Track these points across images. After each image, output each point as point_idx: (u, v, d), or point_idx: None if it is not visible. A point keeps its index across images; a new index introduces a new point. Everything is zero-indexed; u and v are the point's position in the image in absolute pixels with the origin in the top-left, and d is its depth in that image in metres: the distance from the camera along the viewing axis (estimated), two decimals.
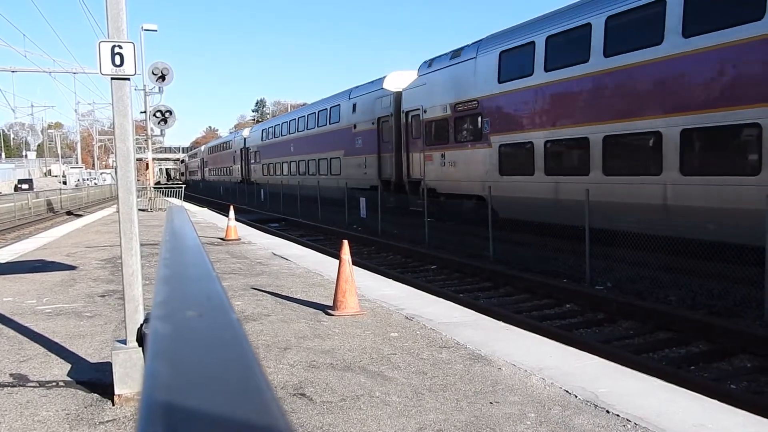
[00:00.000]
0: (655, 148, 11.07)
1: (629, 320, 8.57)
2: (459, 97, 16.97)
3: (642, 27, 11.41)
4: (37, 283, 8.91)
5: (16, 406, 4.16)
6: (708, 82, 10.20)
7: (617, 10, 11.86)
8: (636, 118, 11.42)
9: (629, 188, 11.56)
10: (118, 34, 4.44)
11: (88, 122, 74.35)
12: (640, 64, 11.29)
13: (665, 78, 10.88)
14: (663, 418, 3.69)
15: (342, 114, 25.12)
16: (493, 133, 15.70)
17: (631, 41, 11.59)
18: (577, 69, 12.90)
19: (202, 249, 1.26)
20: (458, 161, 17.31)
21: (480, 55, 16.31)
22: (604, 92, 12.37)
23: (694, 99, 10.36)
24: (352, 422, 3.76)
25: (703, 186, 10.17)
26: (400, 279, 10.38)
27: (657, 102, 11.05)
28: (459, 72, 17.02)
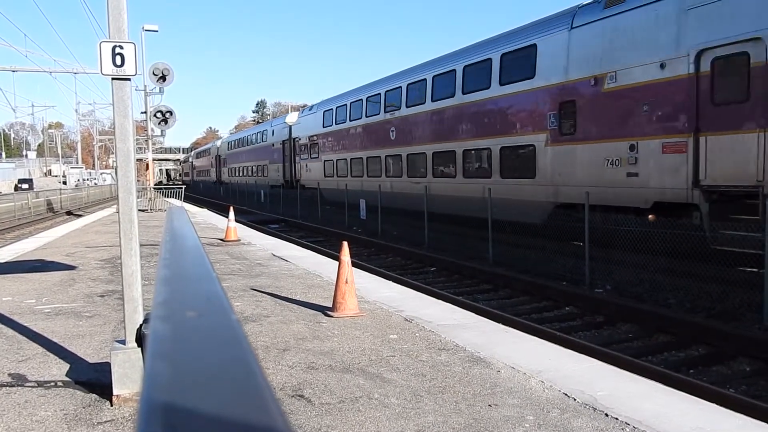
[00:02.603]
0: (488, 158, 16.17)
1: (628, 323, 8.58)
2: (309, 132, 30.27)
3: (480, 75, 16.34)
4: (36, 283, 8.91)
5: (15, 405, 4.15)
6: (514, 116, 15.10)
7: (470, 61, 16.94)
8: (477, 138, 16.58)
9: (476, 187, 15.96)
10: (119, 34, 4.44)
11: (89, 122, 74.43)
12: (479, 101, 16.50)
13: (491, 111, 16.01)
14: (662, 421, 3.69)
15: (267, 136, 38.23)
16: (322, 154, 28.65)
17: (474, 84, 16.66)
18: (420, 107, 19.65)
19: (202, 250, 1.27)
20: (311, 168, 29.99)
21: (317, 111, 29.51)
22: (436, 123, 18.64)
23: (509, 127, 15.32)
24: (350, 424, 3.76)
25: (511, 186, 15.00)
26: (400, 280, 10.38)
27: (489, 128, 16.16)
28: (309, 120, 30.66)
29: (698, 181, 10.16)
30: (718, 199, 9.77)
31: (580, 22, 12.89)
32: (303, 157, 30.99)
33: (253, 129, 47.94)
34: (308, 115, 31.11)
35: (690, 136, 10.33)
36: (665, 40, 10.82)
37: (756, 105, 9.34)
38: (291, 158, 32.82)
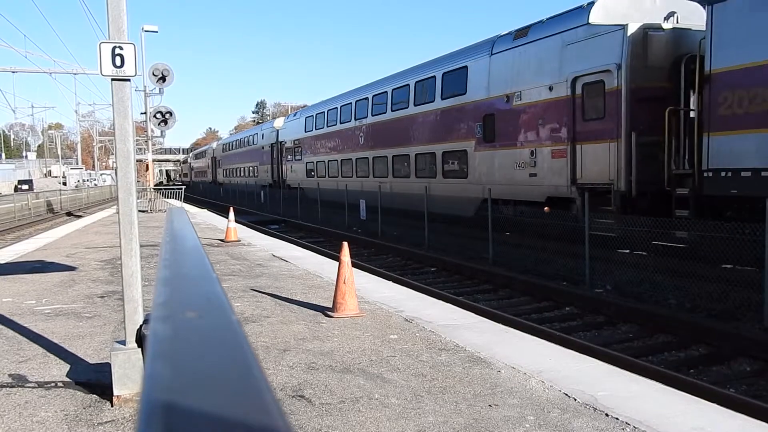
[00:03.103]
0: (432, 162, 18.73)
1: (629, 323, 8.58)
2: (293, 137, 32.72)
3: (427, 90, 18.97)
4: (36, 284, 8.91)
5: (15, 406, 4.15)
6: (452, 125, 17.57)
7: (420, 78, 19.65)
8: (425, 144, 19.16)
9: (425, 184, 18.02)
10: (118, 35, 4.45)
11: (89, 123, 74.41)
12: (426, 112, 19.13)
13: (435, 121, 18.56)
14: (662, 421, 3.70)
15: (257, 139, 40.71)
16: (304, 156, 31.10)
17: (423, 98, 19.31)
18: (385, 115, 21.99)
19: (202, 250, 1.27)
20: (295, 169, 32.36)
21: (299, 118, 32.28)
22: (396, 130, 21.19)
23: (448, 134, 17.74)
24: (350, 424, 3.76)
25: (450, 184, 17.57)
26: (400, 281, 10.39)
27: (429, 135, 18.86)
28: (293, 125, 33.15)
29: (575, 180, 12.88)
30: (589, 193, 11.84)
31: (497, 50, 15.56)
32: (288, 159, 33.64)
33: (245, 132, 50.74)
34: (293, 121, 33.89)
35: (569, 145, 12.97)
36: (552, 68, 13.44)
37: (608, 121, 11.96)
38: (278, 160, 35.45)
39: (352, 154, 24.81)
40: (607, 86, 11.98)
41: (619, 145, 11.71)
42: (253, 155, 41.29)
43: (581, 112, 12.67)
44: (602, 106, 12.14)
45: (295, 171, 32.28)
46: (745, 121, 9.66)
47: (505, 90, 15.08)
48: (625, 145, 11.59)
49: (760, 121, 9.39)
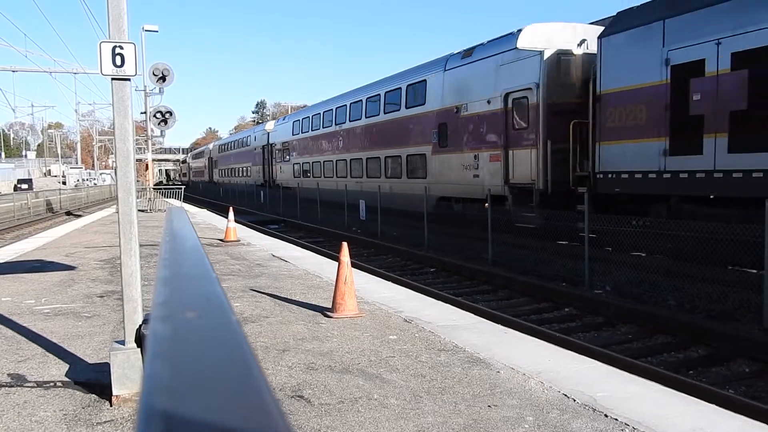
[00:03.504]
0: (399, 164, 20.89)
1: (628, 324, 8.58)
2: (282, 139, 34.59)
3: (394, 99, 21.05)
4: (35, 283, 8.91)
5: (14, 406, 4.15)
6: (414, 132, 19.78)
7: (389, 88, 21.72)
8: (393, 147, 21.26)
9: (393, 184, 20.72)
10: (119, 34, 4.45)
11: (89, 122, 74.45)
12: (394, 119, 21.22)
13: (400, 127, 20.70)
14: (661, 422, 3.70)
15: (250, 141, 42.63)
16: (291, 157, 32.93)
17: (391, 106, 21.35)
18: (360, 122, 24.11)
19: (202, 250, 1.27)
20: (284, 170, 34.27)
21: (288, 122, 34.69)
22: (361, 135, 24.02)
23: (411, 139, 19.95)
24: (350, 425, 3.76)
25: (412, 184, 19.54)
26: (399, 281, 10.39)
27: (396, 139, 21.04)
28: (282, 128, 35.26)
29: (507, 180, 15.14)
30: (518, 192, 14.59)
31: (449, 66, 17.78)
32: (278, 160, 35.75)
33: (240, 134, 54.03)
34: (282, 124, 36.24)
35: (503, 150, 15.22)
36: (490, 84, 15.65)
37: (530, 131, 14.30)
38: (269, 161, 37.67)
39: (333, 156, 27.02)
40: (529, 101, 14.29)
41: (538, 151, 13.99)
42: (247, 156, 43.52)
43: (512, 122, 15.00)
44: (526, 118, 14.45)
45: (284, 171, 34.29)
46: (623, 133, 11.90)
47: (455, 102, 17.39)
48: (543, 151, 13.83)
49: (632, 133, 11.68)
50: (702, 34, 10.35)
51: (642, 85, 11.52)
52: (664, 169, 11.03)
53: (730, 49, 9.93)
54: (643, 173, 11.39)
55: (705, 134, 10.30)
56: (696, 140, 10.46)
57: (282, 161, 34.73)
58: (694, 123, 10.51)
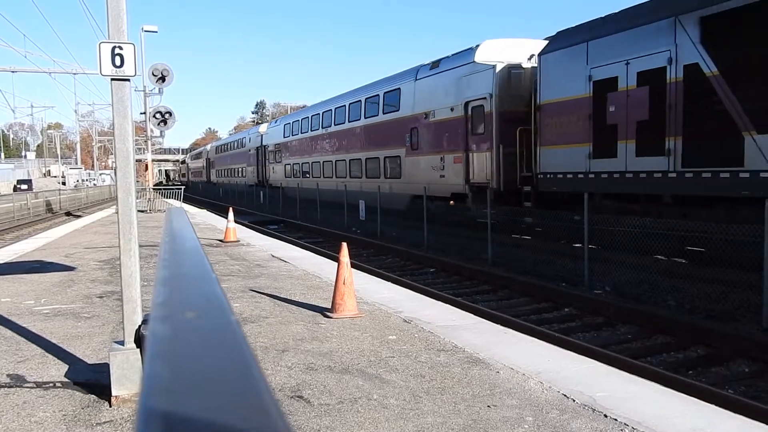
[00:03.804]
0: (377, 165, 22.51)
1: (628, 324, 8.58)
2: (275, 141, 36.27)
3: (373, 106, 22.82)
4: (35, 284, 8.91)
5: (13, 406, 4.15)
6: (390, 135, 21.40)
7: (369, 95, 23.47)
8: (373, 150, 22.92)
9: (373, 184, 21.67)
10: (118, 35, 4.44)
11: (88, 123, 74.38)
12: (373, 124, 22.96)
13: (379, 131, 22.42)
14: (660, 422, 3.70)
15: (245, 142, 44.49)
16: (283, 159, 34.72)
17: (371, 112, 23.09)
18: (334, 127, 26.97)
19: (202, 251, 1.26)
20: (276, 170, 35.97)
21: (279, 125, 36.43)
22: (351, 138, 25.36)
23: (388, 142, 21.64)
24: (349, 425, 3.76)
25: (390, 183, 21.23)
26: (399, 281, 10.38)
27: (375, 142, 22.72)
28: (275, 131, 36.92)
29: (468, 180, 16.78)
30: (477, 190, 16.29)
31: (420, 76, 19.56)
32: (270, 161, 37.45)
33: (235, 136, 56.79)
34: (274, 127, 37.98)
35: (464, 153, 16.87)
36: (453, 93, 17.32)
37: (486, 136, 15.95)
38: (263, 162, 39.40)
39: (320, 157, 28.78)
40: (485, 110, 15.90)
41: (493, 155, 15.68)
42: (242, 157, 45.31)
43: (471, 128, 16.65)
44: (483, 125, 16.07)
45: (276, 172, 36.09)
46: (558, 139, 13.59)
47: (424, 108, 19.11)
48: (496, 154, 15.56)
49: (565, 139, 13.36)
50: (615, 55, 12.06)
51: (571, 98, 13.22)
52: (589, 171, 12.82)
53: (636, 69, 11.61)
54: (574, 174, 13.19)
55: (619, 140, 12.03)
56: (612, 145, 12.17)
57: (275, 162, 36.43)
58: (610, 131, 12.21)
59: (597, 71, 12.52)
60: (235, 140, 50.63)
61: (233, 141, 51.39)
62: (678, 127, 10.75)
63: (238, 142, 47.65)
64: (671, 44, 10.85)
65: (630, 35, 11.71)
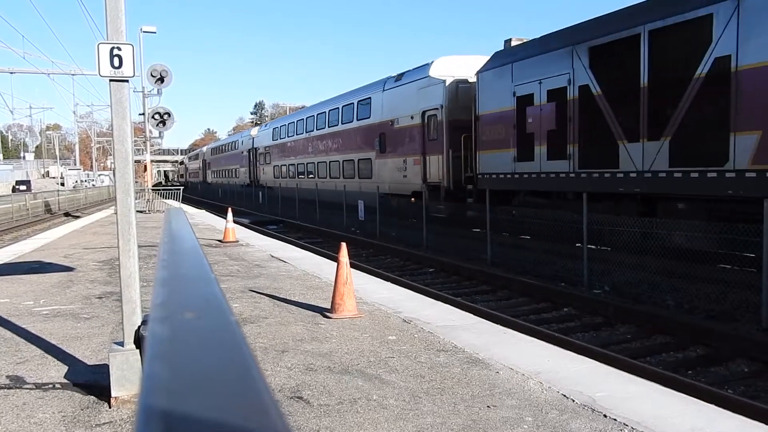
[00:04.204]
0: (352, 166, 24.90)
1: (627, 324, 8.58)
2: (264, 144, 38.71)
3: (349, 113, 25.02)
4: (34, 285, 8.90)
5: (13, 408, 4.15)
6: (363, 140, 23.73)
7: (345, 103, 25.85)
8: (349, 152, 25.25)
9: (350, 183, 24.36)
10: (117, 35, 4.44)
11: (87, 124, 74.36)
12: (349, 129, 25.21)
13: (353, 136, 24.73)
14: (660, 422, 3.70)
15: (238, 145, 47.07)
16: (271, 160, 37.17)
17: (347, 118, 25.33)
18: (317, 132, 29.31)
19: (201, 251, 1.26)
20: (266, 171, 38.36)
21: (268, 129, 38.99)
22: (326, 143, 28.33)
23: (361, 146, 23.97)
24: (349, 425, 3.76)
25: (363, 183, 23.44)
26: (398, 282, 10.38)
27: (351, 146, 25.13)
28: (264, 134, 39.48)
29: (425, 180, 19.02)
30: (431, 189, 18.52)
31: (387, 87, 21.83)
32: (261, 163, 39.80)
33: (229, 138, 59.71)
34: (264, 131, 40.58)
35: (422, 156, 19.17)
36: (413, 103, 19.58)
37: (439, 142, 18.17)
38: (254, 163, 41.79)
39: (304, 159, 31.25)
40: (438, 118, 18.19)
41: (444, 158, 17.89)
42: (236, 159, 47.67)
43: (427, 134, 18.90)
44: (436, 132, 18.34)
45: (266, 173, 38.47)
46: (492, 145, 15.87)
47: (390, 116, 21.34)
48: (446, 157, 17.77)
49: (497, 145, 15.66)
50: (532, 75, 14.34)
51: (501, 110, 15.49)
52: (514, 172, 15.07)
53: (546, 87, 13.92)
54: (504, 174, 15.52)
55: (535, 146, 14.27)
56: (531, 151, 14.44)
57: (264, 163, 38.94)
58: (529, 138, 14.48)
59: (519, 88, 14.80)
60: (229, 142, 53.44)
61: (227, 143, 54.03)
62: (575, 136, 13.09)
63: (232, 144, 50.26)
64: (570, 68, 13.14)
65: (542, 59, 14.06)
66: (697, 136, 10.40)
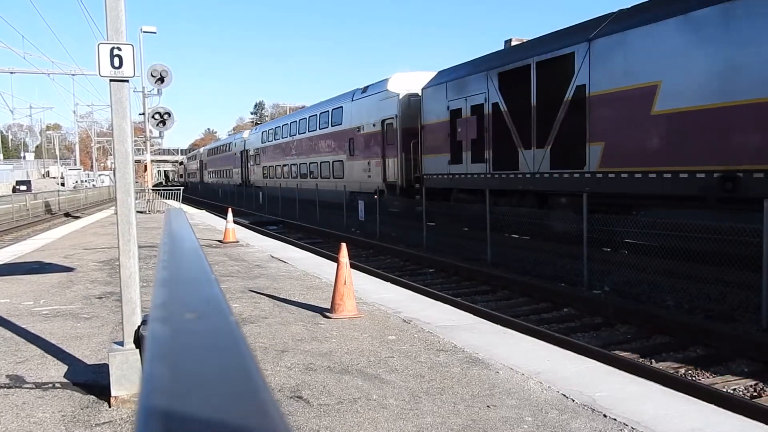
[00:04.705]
0: (328, 167, 27.58)
1: (627, 324, 8.58)
2: (254, 146, 41.72)
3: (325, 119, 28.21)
4: (34, 285, 8.90)
5: (12, 407, 4.15)
6: (337, 144, 26.59)
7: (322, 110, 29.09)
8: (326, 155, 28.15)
9: (327, 183, 27.16)
10: (117, 35, 4.44)
11: (87, 124, 74.38)
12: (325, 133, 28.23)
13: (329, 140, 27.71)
14: (660, 422, 3.70)
15: (232, 147, 50.26)
16: (261, 162, 39.92)
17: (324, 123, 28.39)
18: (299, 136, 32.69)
19: (201, 252, 1.27)
20: (255, 171, 41.39)
21: (258, 132, 42.31)
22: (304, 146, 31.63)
23: (335, 150, 26.77)
24: (349, 425, 3.76)
25: (337, 182, 26.07)
26: (398, 282, 10.38)
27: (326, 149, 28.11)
28: (254, 137, 42.58)
29: (385, 179, 21.98)
30: (389, 187, 21.58)
31: (355, 98, 24.73)
32: (251, 164, 42.69)
33: (223, 141, 63.22)
34: (255, 134, 43.67)
35: (382, 159, 22.16)
36: (375, 113, 22.59)
37: (394, 147, 21.17)
38: (246, 164, 44.69)
39: (288, 161, 34.32)
40: (394, 126, 21.16)
41: (398, 160, 20.96)
42: (230, 160, 50.65)
43: (386, 140, 21.83)
44: (392, 138, 21.27)
45: (255, 173, 41.42)
46: (433, 150, 18.86)
47: (357, 123, 24.33)
48: (400, 160, 20.89)
49: (436, 150, 18.61)
50: (461, 93, 17.40)
51: (439, 121, 18.49)
52: (449, 173, 18.06)
53: (470, 103, 16.92)
54: (441, 175, 18.48)
55: (463, 152, 17.27)
56: (460, 155, 17.44)
57: (254, 164, 41.81)
58: (459, 145, 17.48)
59: (452, 103, 17.81)
60: (223, 144, 57.23)
61: (222, 145, 57.65)
62: (490, 143, 16.14)
63: (226, 146, 53.56)
64: (486, 89, 16.22)
65: (468, 80, 17.09)
66: (566, 146, 13.32)
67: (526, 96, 14.51)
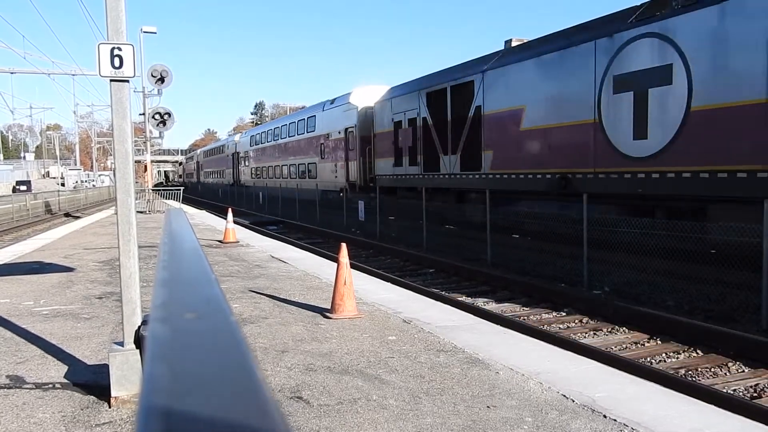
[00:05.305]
0: (305, 168, 31.81)
1: (627, 324, 8.57)
2: (244, 149, 45.22)
3: (302, 126, 32.23)
4: (34, 285, 8.90)
5: (12, 407, 4.15)
6: (310, 148, 30.85)
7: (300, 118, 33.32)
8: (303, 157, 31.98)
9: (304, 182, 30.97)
10: (117, 36, 4.45)
11: (87, 124, 74.39)
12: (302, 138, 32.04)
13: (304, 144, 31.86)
14: (660, 422, 3.70)
15: (225, 149, 53.84)
16: (249, 163, 44.34)
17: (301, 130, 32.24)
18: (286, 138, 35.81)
19: (201, 252, 1.27)
20: (245, 172, 45.29)
21: (247, 136, 46.35)
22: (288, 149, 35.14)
23: (309, 153, 31.01)
24: (349, 425, 3.76)
25: (310, 182, 29.94)
26: (398, 282, 10.38)
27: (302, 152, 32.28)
28: (244, 140, 46.34)
29: (348, 179, 25.51)
30: (351, 186, 25.22)
31: (325, 108, 28.71)
32: (242, 165, 46.58)
33: (218, 143, 67.34)
34: (244, 137, 47.36)
35: (346, 162, 25.73)
36: (341, 122, 26.28)
37: (354, 151, 24.96)
38: (236, 165, 48.49)
39: (271, 162, 38.13)
40: (354, 134, 24.90)
41: (357, 163, 24.74)
42: (222, 161, 54.88)
43: (348, 145, 25.58)
44: (353, 144, 25.03)
45: (245, 173, 45.33)
46: (382, 154, 22.57)
47: (327, 130, 28.22)
48: (359, 163, 24.65)
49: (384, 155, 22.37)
50: (401, 108, 21.15)
51: (386, 130, 22.30)
52: (394, 174, 21.82)
53: (407, 117, 20.69)
54: (388, 176, 22.23)
55: (403, 156, 21.07)
56: (401, 159, 21.21)
57: (244, 165, 45.55)
58: (400, 151, 21.27)
59: (395, 116, 21.54)
60: (217, 146, 61.49)
61: (216, 147, 61.93)
62: (421, 149, 19.80)
63: (220, 148, 57.64)
64: (418, 105, 20.00)
65: (406, 97, 20.84)
66: (471, 152, 17.05)
67: (444, 112, 18.44)
